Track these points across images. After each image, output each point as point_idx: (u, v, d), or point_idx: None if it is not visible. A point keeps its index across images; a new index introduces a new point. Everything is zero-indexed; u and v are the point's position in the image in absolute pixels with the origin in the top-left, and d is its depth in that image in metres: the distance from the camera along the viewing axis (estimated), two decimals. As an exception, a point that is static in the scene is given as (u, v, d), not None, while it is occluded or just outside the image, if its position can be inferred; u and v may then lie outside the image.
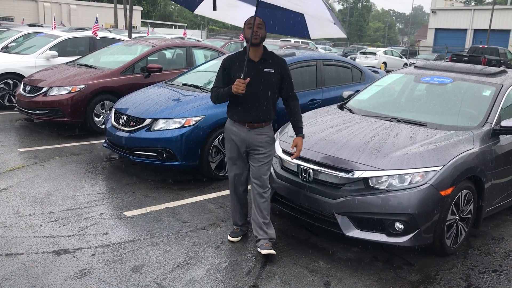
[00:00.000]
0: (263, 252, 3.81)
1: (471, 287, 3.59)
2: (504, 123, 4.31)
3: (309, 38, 4.21)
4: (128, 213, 4.62)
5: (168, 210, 4.77)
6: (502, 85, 4.75)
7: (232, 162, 4.03)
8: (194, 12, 4.10)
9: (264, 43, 3.91)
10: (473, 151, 4.02)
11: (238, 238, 4.16)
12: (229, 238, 4.16)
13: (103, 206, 4.78)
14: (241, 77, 3.65)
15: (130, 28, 16.56)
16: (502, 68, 5.32)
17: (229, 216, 4.64)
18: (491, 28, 41.81)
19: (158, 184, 5.52)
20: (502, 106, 4.56)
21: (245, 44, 3.86)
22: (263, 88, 3.79)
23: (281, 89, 3.93)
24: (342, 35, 3.99)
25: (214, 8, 3.92)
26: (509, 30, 46.19)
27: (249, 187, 4.16)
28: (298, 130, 3.94)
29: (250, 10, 4.00)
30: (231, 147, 3.98)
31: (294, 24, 4.14)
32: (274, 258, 3.86)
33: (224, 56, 3.98)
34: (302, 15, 4.03)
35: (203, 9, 4.09)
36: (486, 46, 29.28)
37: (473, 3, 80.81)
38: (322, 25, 4.06)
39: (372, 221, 3.79)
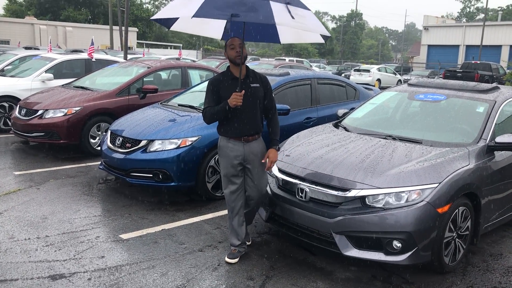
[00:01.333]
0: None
1: (471, 305, 3.57)
2: (499, 139, 4.33)
3: (279, 42, 4.40)
4: (124, 236, 4.59)
5: (164, 232, 4.74)
6: (495, 102, 4.79)
7: (228, 179, 4.07)
8: (170, 29, 4.24)
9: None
10: (469, 168, 4.03)
11: (236, 260, 4.12)
12: (227, 259, 4.12)
13: (99, 229, 4.75)
14: (237, 90, 3.83)
15: (126, 49, 16.70)
16: (494, 84, 5.37)
17: (226, 237, 4.61)
18: (483, 44, 42.36)
19: (155, 206, 5.49)
20: (496, 122, 4.59)
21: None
22: (253, 102, 3.98)
23: (264, 103, 4.12)
24: (318, 40, 4.20)
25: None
26: (500, 46, 46.78)
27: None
28: (273, 142, 4.10)
29: (222, 21, 4.19)
30: (227, 164, 4.04)
31: (268, 31, 4.25)
32: (272, 279, 3.83)
33: (210, 78, 4.13)
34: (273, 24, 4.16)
35: (178, 26, 4.21)
36: (478, 62, 29.61)
37: (464, 20, 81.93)
38: (296, 31, 4.20)
39: (370, 240, 3.77)
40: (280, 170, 4.43)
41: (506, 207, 4.63)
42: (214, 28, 4.28)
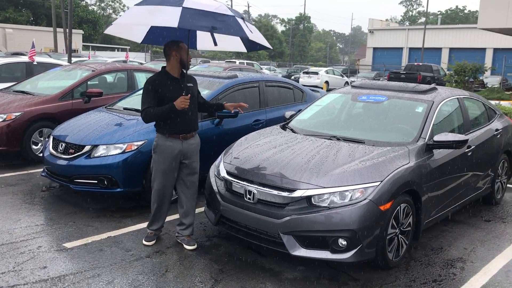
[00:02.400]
0: (192, 247, 4.41)
1: (413, 298, 3.70)
2: (437, 137, 4.53)
3: (195, 48, 4.82)
4: (68, 245, 4.44)
5: (110, 239, 4.62)
6: (433, 102, 5.00)
7: (162, 174, 4.30)
8: (105, 32, 4.51)
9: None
10: (409, 166, 4.19)
11: (153, 242, 4.48)
12: (144, 242, 4.46)
13: (42, 238, 4.56)
14: (183, 94, 4.09)
15: (70, 52, 16.21)
16: (432, 85, 5.60)
17: (175, 242, 4.56)
18: (425, 46, 44.18)
19: (100, 213, 5.34)
20: (434, 122, 4.78)
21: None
22: (190, 100, 4.19)
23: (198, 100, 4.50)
24: (240, 49, 4.58)
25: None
26: (440, 48, 48.94)
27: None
28: (218, 105, 4.70)
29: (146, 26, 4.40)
30: (164, 160, 4.27)
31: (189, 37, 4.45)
32: (221, 282, 3.82)
33: (148, 79, 4.32)
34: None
35: (112, 30, 4.34)
36: (421, 64, 30.84)
37: (407, 23, 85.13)
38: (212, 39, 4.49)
39: (317, 239, 3.84)
40: (228, 173, 4.43)
41: (445, 203, 4.83)
42: (138, 32, 4.49)
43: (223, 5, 3.95)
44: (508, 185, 6.57)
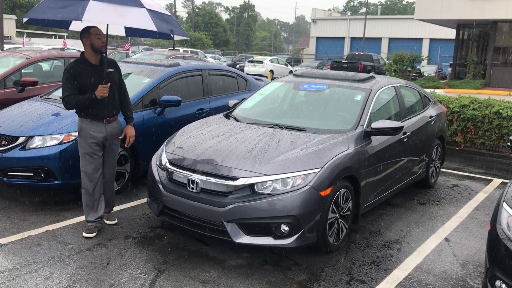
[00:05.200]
0: (113, 222, 4.67)
1: (352, 280, 3.84)
2: (374, 124, 4.69)
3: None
4: (2, 240, 4.24)
5: (48, 233, 4.46)
6: (371, 90, 5.16)
7: (90, 157, 4.31)
8: (69, 29, 4.55)
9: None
10: (348, 152, 4.31)
11: (94, 234, 4.40)
12: (85, 235, 4.38)
13: (-27, 235, 4.34)
14: (103, 82, 4.13)
15: (2, 38, 15.34)
16: (371, 74, 5.78)
17: (116, 234, 4.47)
18: (365, 36, 45.42)
19: (37, 206, 5.14)
20: (371, 110, 4.95)
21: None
22: (111, 86, 4.25)
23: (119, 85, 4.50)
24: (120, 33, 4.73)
25: None
26: (380, 38, 50.49)
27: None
28: (129, 119, 4.60)
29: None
30: (90, 144, 4.29)
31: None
32: (164, 272, 3.79)
33: (67, 66, 4.27)
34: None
35: (75, 26, 4.51)
36: (362, 53, 31.70)
37: (349, 13, 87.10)
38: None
39: (260, 226, 3.89)
40: (171, 163, 4.38)
41: (383, 187, 5.03)
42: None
43: (158, 4, 4.05)
44: (441, 169, 6.92)
